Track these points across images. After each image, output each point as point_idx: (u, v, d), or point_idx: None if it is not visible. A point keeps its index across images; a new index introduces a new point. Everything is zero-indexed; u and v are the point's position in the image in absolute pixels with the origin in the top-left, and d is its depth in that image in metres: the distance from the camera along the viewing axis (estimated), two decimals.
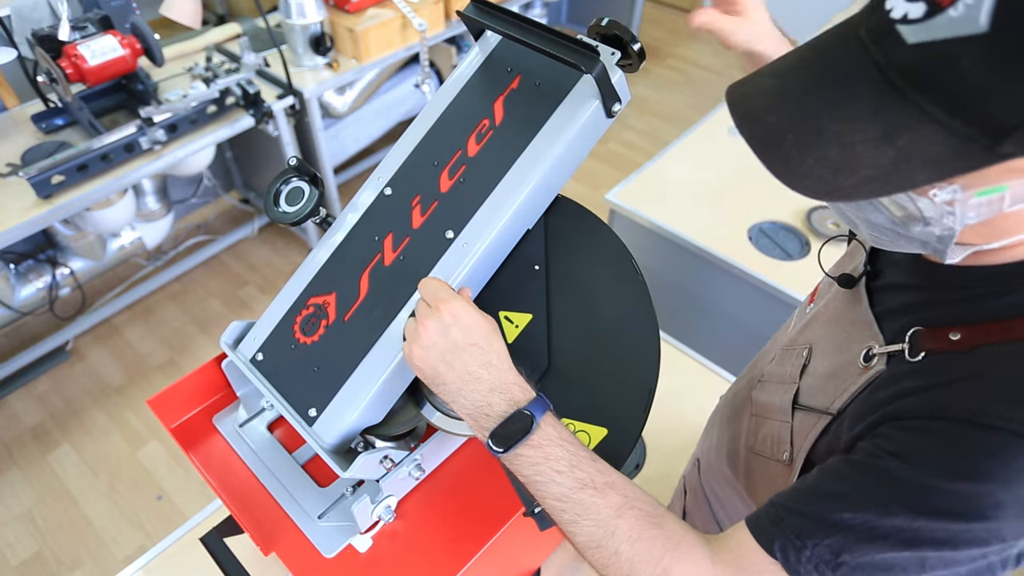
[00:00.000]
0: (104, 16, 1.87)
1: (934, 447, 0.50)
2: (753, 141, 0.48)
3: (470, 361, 0.60)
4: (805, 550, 0.51)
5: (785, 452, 0.71)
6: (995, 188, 0.44)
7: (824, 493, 0.54)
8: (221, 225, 2.95)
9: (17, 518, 2.04)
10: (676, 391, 1.33)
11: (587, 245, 0.74)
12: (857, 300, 0.68)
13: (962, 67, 0.38)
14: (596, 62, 0.64)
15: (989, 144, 0.39)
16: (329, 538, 0.77)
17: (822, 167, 0.44)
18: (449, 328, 0.61)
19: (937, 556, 0.49)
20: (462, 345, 0.60)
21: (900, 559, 0.49)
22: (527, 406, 0.58)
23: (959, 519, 0.48)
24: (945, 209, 0.46)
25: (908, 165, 0.42)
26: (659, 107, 3.75)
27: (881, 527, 0.50)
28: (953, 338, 0.53)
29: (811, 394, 0.69)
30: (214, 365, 0.86)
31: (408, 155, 0.77)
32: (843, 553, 0.50)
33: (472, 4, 0.73)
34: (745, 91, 0.50)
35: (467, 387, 0.60)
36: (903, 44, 0.40)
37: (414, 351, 0.62)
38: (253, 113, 2.16)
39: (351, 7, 2.32)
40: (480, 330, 0.61)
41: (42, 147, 1.93)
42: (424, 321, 0.62)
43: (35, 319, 2.49)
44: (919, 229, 0.50)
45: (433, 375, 0.61)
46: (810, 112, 0.45)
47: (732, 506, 0.88)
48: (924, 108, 0.40)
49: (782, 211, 1.79)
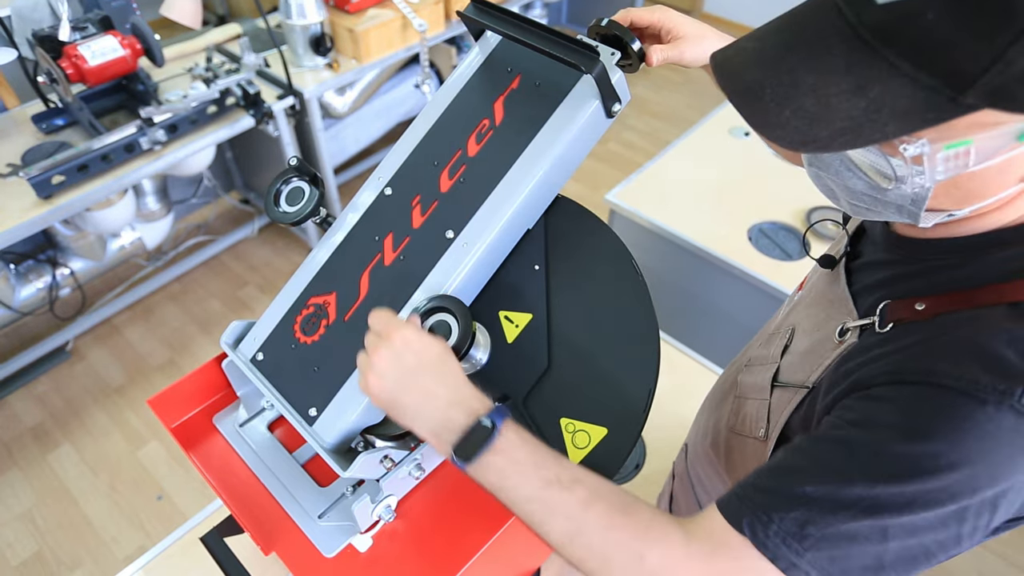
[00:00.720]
0: (104, 16, 1.87)
1: (889, 412, 0.52)
2: (734, 96, 0.50)
3: (426, 382, 0.61)
4: (772, 524, 0.52)
5: (761, 429, 0.73)
6: (961, 141, 0.45)
7: (788, 468, 0.55)
8: (221, 225, 2.95)
9: (17, 518, 2.05)
10: (676, 391, 1.33)
11: (587, 245, 0.74)
12: (836, 279, 0.70)
13: (927, 21, 0.40)
14: (596, 62, 0.64)
15: (953, 95, 0.41)
16: (329, 538, 0.77)
17: (798, 118, 0.46)
18: (401, 354, 0.61)
19: (898, 524, 0.49)
20: (415, 368, 0.61)
21: (863, 528, 0.50)
22: (487, 415, 0.59)
23: (912, 479, 0.49)
24: (915, 168, 0.48)
25: (879, 117, 0.44)
26: (659, 107, 3.75)
27: (843, 497, 0.50)
28: (919, 308, 0.55)
29: (790, 372, 0.71)
30: (214, 365, 0.86)
31: (408, 155, 0.77)
32: (808, 525, 0.51)
33: (472, 4, 0.73)
34: (727, 54, 0.52)
35: (425, 407, 0.61)
36: (873, 5, 0.43)
37: (369, 380, 0.62)
38: (253, 113, 2.16)
39: (351, 7, 2.32)
40: (432, 351, 0.62)
41: (42, 147, 1.94)
42: (376, 350, 0.62)
43: (35, 319, 2.49)
44: (893, 191, 0.51)
45: (391, 400, 0.62)
46: (787, 67, 0.47)
47: (713, 488, 0.89)
48: (893, 62, 0.42)
49: (782, 211, 1.79)
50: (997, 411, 0.47)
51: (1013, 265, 0.53)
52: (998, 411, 0.47)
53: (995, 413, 0.48)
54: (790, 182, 1.88)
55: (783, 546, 0.51)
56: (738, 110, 0.50)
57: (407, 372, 0.61)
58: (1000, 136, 0.44)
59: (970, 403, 0.48)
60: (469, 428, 0.59)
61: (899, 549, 0.50)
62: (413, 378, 0.61)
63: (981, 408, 0.48)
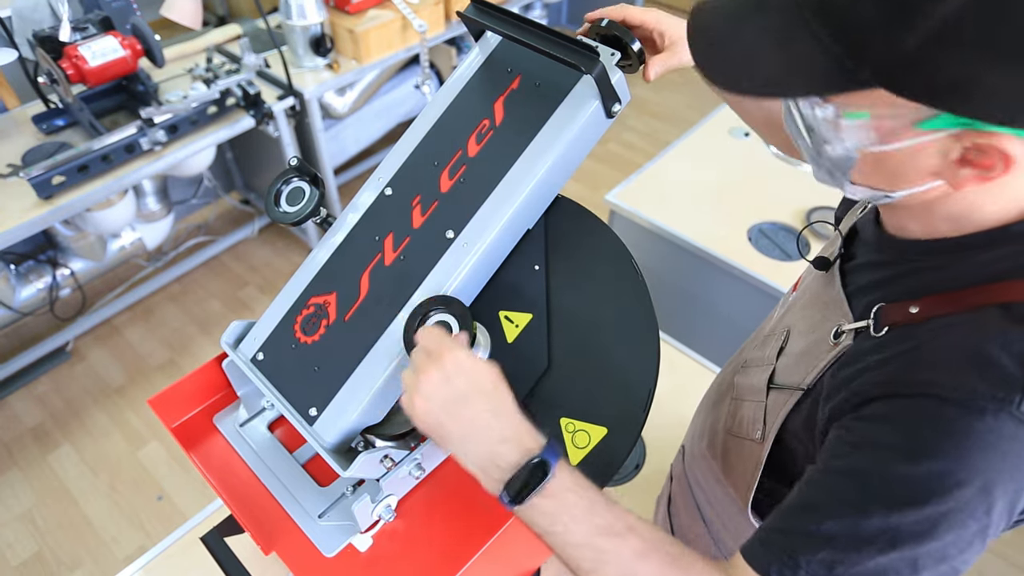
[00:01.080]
0: (105, 17, 1.87)
1: (891, 432, 0.51)
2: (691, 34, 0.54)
3: (477, 410, 0.58)
4: (800, 569, 0.51)
5: (758, 431, 0.73)
6: (859, 113, 0.49)
7: (804, 506, 0.55)
8: (221, 226, 2.95)
9: (17, 518, 2.05)
10: (676, 391, 1.33)
11: (587, 245, 0.74)
12: (831, 281, 0.70)
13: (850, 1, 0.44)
14: (596, 63, 0.64)
15: (852, 67, 0.45)
16: (329, 537, 0.77)
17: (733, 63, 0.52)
18: (452, 377, 0.58)
19: (926, 552, 0.49)
20: (467, 394, 0.58)
21: (892, 562, 0.49)
22: (540, 454, 0.56)
23: (927, 502, 0.48)
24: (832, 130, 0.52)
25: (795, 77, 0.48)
26: (659, 108, 3.75)
27: (863, 531, 0.50)
28: (913, 311, 0.56)
29: (786, 373, 0.71)
30: (215, 365, 0.86)
31: (408, 155, 0.77)
32: (836, 566, 0.50)
33: (472, 5, 0.73)
34: (701, 5, 0.56)
35: (474, 438, 0.58)
36: None
37: (416, 402, 0.59)
38: (253, 114, 2.17)
39: (351, 8, 2.32)
40: (485, 378, 0.59)
41: (43, 148, 1.94)
42: (425, 370, 0.59)
43: (35, 320, 2.49)
44: (826, 150, 0.54)
45: (437, 427, 0.59)
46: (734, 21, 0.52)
47: (711, 489, 0.89)
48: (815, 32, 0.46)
49: (782, 212, 1.80)
50: (996, 420, 0.47)
51: (1000, 265, 0.53)
52: (997, 420, 0.47)
53: (994, 423, 0.47)
54: (790, 183, 1.88)
55: None
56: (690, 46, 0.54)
57: (457, 397, 0.58)
58: (895, 118, 0.47)
59: (969, 415, 0.48)
60: (521, 467, 0.56)
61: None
62: (463, 405, 0.58)
63: (981, 419, 0.48)
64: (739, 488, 0.80)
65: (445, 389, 0.58)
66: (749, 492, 0.77)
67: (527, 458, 0.56)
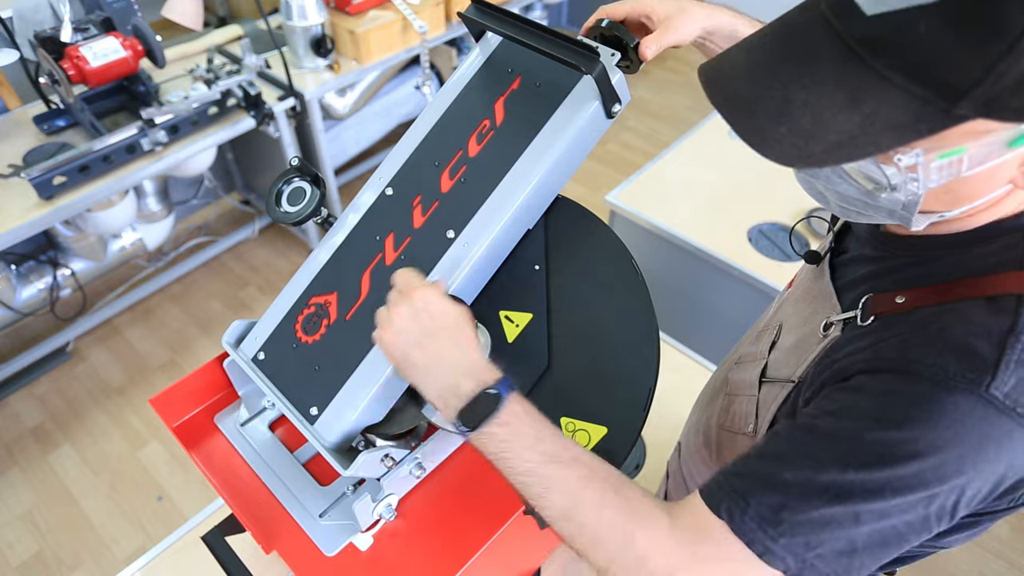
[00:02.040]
0: (106, 18, 1.88)
1: (865, 401, 0.53)
2: (726, 112, 0.50)
3: (441, 345, 0.62)
4: (748, 508, 0.52)
5: (750, 425, 0.74)
6: (955, 150, 0.45)
7: (766, 454, 0.56)
8: (222, 226, 2.95)
9: (18, 518, 2.05)
10: (675, 391, 1.33)
11: (587, 245, 0.74)
12: (821, 274, 0.71)
13: (917, 34, 0.40)
14: (596, 63, 0.64)
15: (946, 107, 0.41)
16: (330, 536, 0.77)
17: (794, 134, 0.46)
18: (420, 313, 0.62)
19: (868, 509, 0.50)
20: (433, 329, 0.62)
21: (836, 514, 0.51)
22: (494, 385, 0.60)
23: (883, 466, 0.50)
24: (909, 175, 0.48)
25: (873, 129, 0.44)
26: (659, 109, 3.75)
27: (816, 483, 0.51)
28: (899, 301, 0.57)
29: (777, 367, 0.72)
30: (216, 364, 0.86)
31: (409, 155, 0.77)
32: (783, 510, 0.52)
33: (473, 5, 0.73)
34: (717, 66, 0.52)
35: (436, 369, 0.61)
36: (862, 16, 0.43)
37: (385, 335, 0.63)
38: (254, 115, 2.17)
39: (352, 9, 2.33)
40: (451, 316, 0.63)
41: (44, 148, 1.94)
42: (396, 307, 0.63)
43: (36, 320, 2.49)
44: (886, 196, 0.52)
45: (403, 358, 0.63)
46: (779, 83, 0.47)
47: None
48: (884, 74, 0.42)
49: (781, 212, 1.80)
50: (965, 400, 0.49)
51: (991, 260, 0.54)
52: (966, 400, 0.49)
53: (963, 402, 0.49)
54: (790, 183, 1.88)
55: (758, 531, 0.52)
56: (731, 125, 0.49)
57: (423, 332, 0.62)
58: (992, 144, 0.45)
59: (940, 392, 0.49)
60: (476, 396, 0.59)
61: (871, 532, 0.51)
62: (428, 338, 0.62)
63: (950, 397, 0.49)
64: None
65: (413, 323, 0.62)
66: None
67: (482, 387, 0.60)
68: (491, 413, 0.59)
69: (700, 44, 0.77)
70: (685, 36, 0.74)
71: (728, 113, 0.50)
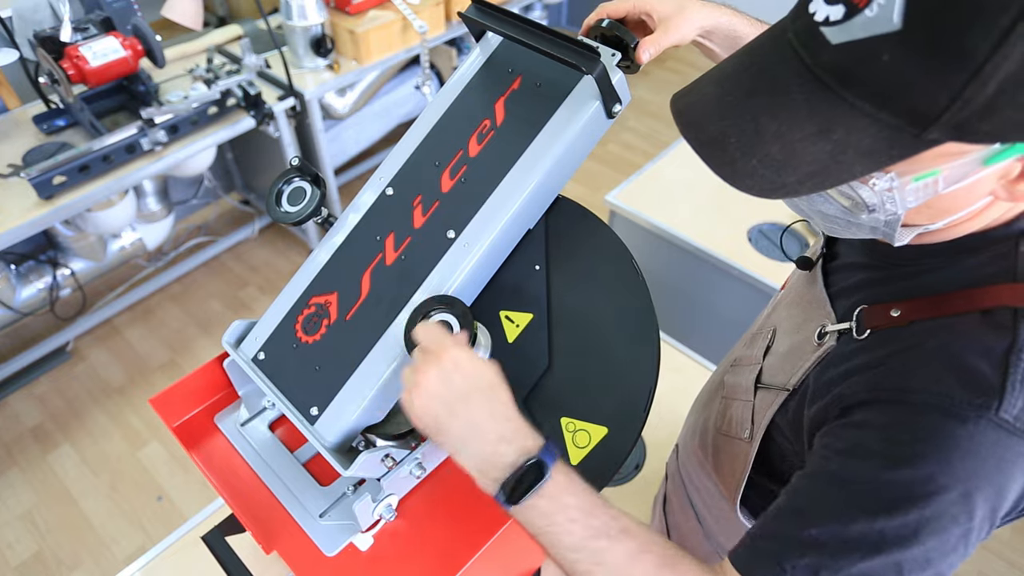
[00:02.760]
0: (106, 17, 1.88)
1: (874, 439, 0.52)
2: (699, 147, 0.50)
3: (475, 410, 0.57)
4: (785, 574, 0.51)
5: (746, 430, 0.74)
6: (929, 172, 0.45)
7: (791, 511, 0.55)
8: (221, 226, 2.95)
9: (17, 518, 2.05)
10: (675, 391, 1.33)
11: (588, 245, 0.74)
12: (813, 281, 0.70)
13: (883, 63, 0.40)
14: (597, 63, 0.64)
15: (917, 132, 0.41)
16: (330, 536, 0.77)
17: (765, 166, 0.46)
18: (451, 376, 0.58)
19: (911, 557, 0.49)
20: (466, 393, 0.58)
21: (876, 567, 0.49)
22: (537, 454, 0.56)
23: (909, 508, 0.49)
24: (886, 196, 0.48)
25: (845, 157, 0.44)
26: (658, 109, 3.75)
27: (848, 536, 0.50)
28: (894, 314, 0.56)
29: (772, 373, 0.71)
30: (216, 364, 0.86)
31: (410, 155, 0.77)
32: (821, 570, 0.50)
33: (473, 5, 0.73)
34: (688, 100, 0.52)
35: (472, 437, 0.57)
36: (828, 45, 0.42)
37: (415, 400, 0.59)
38: (254, 114, 2.17)
39: (352, 9, 2.33)
40: (484, 377, 0.59)
41: (43, 148, 1.94)
42: (425, 369, 0.58)
43: (36, 320, 2.49)
44: (866, 216, 0.52)
45: (435, 426, 0.58)
46: (749, 115, 0.47)
47: (703, 487, 0.90)
48: (853, 103, 0.42)
49: (781, 213, 1.80)
50: (976, 427, 0.48)
51: (983, 271, 0.53)
52: (977, 427, 0.48)
53: (975, 430, 0.48)
54: None
55: None
56: (704, 161, 0.49)
57: (456, 396, 0.58)
58: (967, 163, 0.45)
59: (950, 422, 0.48)
60: (518, 468, 0.55)
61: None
62: (461, 403, 0.58)
63: (962, 426, 0.48)
64: (728, 486, 0.80)
65: (444, 388, 0.58)
66: (738, 490, 0.77)
67: (524, 458, 0.56)
68: (535, 485, 0.55)
69: (699, 43, 0.77)
70: (684, 36, 0.73)
71: (701, 148, 0.50)
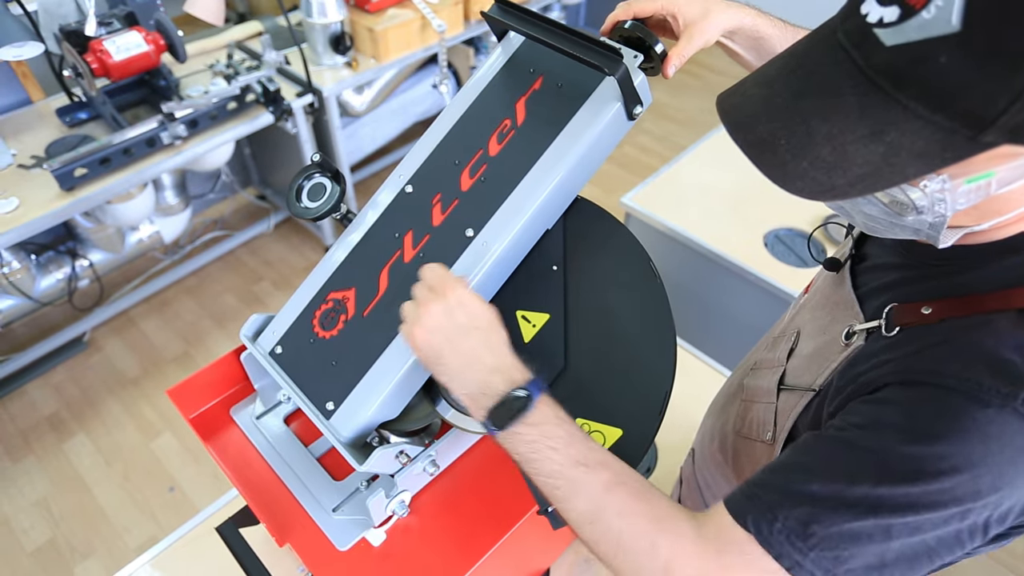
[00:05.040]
0: (129, 12, 1.90)
1: (894, 413, 0.52)
2: (747, 148, 0.50)
3: (475, 344, 0.62)
4: (776, 522, 0.52)
5: (768, 432, 0.73)
6: (983, 175, 0.45)
7: (794, 466, 0.56)
8: (237, 221, 2.97)
9: (33, 505, 2.07)
10: (688, 395, 1.32)
11: (606, 247, 0.74)
12: (842, 282, 0.70)
13: (939, 65, 0.40)
14: (619, 65, 0.64)
15: (972, 135, 0.41)
16: (343, 531, 0.77)
17: (816, 168, 0.46)
18: (454, 311, 0.62)
19: (901, 523, 0.50)
20: (467, 328, 0.62)
21: (866, 527, 0.50)
22: (525, 386, 0.60)
23: (916, 481, 0.49)
24: (936, 198, 0.48)
25: (898, 160, 0.43)
26: (675, 112, 3.74)
27: (847, 497, 0.51)
28: (925, 312, 0.56)
29: (796, 375, 0.71)
30: (233, 357, 0.87)
31: (430, 153, 0.78)
32: (812, 524, 0.51)
33: (496, 5, 0.73)
34: (734, 102, 0.52)
35: (468, 368, 0.62)
36: (881, 46, 0.42)
37: (416, 332, 0.63)
38: (272, 110, 2.18)
39: (371, 7, 2.34)
40: (485, 316, 0.63)
41: (66, 140, 1.96)
42: (428, 304, 0.63)
43: (54, 309, 2.52)
44: (912, 218, 0.51)
45: (435, 356, 0.62)
46: (799, 117, 0.46)
47: (720, 491, 0.90)
48: (907, 105, 0.42)
49: (798, 218, 1.78)
50: (999, 414, 0.48)
51: (1021, 271, 0.53)
52: (1000, 414, 0.48)
53: (997, 416, 0.48)
54: None
55: (787, 544, 0.51)
56: (753, 162, 0.49)
57: (457, 330, 0.62)
58: (1021, 166, 0.44)
59: (973, 406, 0.48)
60: (506, 395, 0.60)
61: (901, 547, 0.50)
62: (462, 337, 0.62)
63: (983, 411, 0.48)
64: None
65: (447, 322, 0.62)
66: None
67: (513, 387, 0.60)
68: (520, 413, 0.59)
69: (722, 44, 0.77)
70: (708, 40, 0.73)
71: (750, 150, 0.49)
